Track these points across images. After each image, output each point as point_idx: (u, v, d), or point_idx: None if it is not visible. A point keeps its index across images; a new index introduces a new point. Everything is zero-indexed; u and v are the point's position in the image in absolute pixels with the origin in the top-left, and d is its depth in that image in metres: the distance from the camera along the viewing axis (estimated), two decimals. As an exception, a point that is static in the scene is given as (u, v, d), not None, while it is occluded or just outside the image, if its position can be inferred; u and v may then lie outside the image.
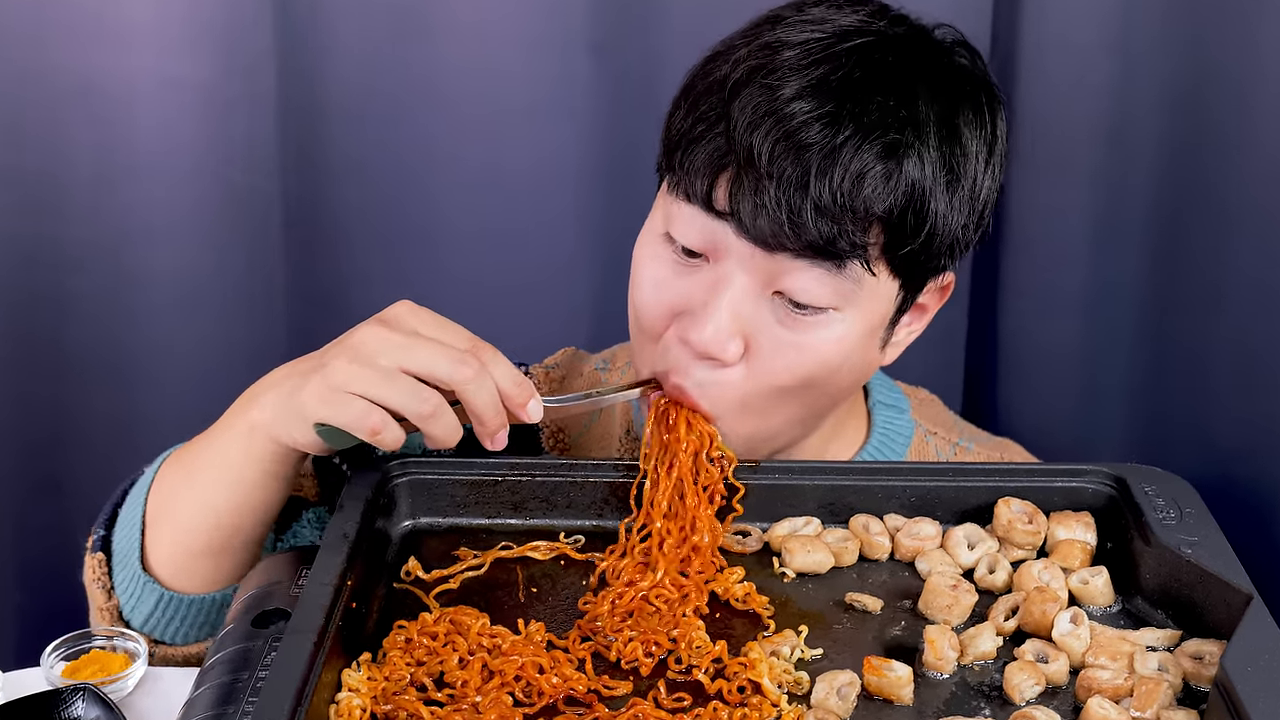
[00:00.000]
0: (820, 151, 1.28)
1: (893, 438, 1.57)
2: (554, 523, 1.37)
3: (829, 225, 1.28)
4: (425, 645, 1.20)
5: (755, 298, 1.33)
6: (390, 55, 2.07)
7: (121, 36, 2.03)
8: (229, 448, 1.36)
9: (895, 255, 1.33)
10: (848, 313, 1.34)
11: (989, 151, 1.37)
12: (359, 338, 1.28)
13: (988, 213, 1.40)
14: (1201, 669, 1.16)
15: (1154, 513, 1.28)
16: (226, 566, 1.41)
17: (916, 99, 1.32)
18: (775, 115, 1.29)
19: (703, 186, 1.32)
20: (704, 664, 1.19)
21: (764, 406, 1.37)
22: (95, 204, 2.11)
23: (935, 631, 1.20)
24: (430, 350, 1.26)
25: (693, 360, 1.35)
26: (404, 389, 1.25)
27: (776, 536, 1.34)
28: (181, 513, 1.41)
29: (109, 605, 1.45)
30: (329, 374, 1.27)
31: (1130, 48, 1.95)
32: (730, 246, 1.32)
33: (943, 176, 1.32)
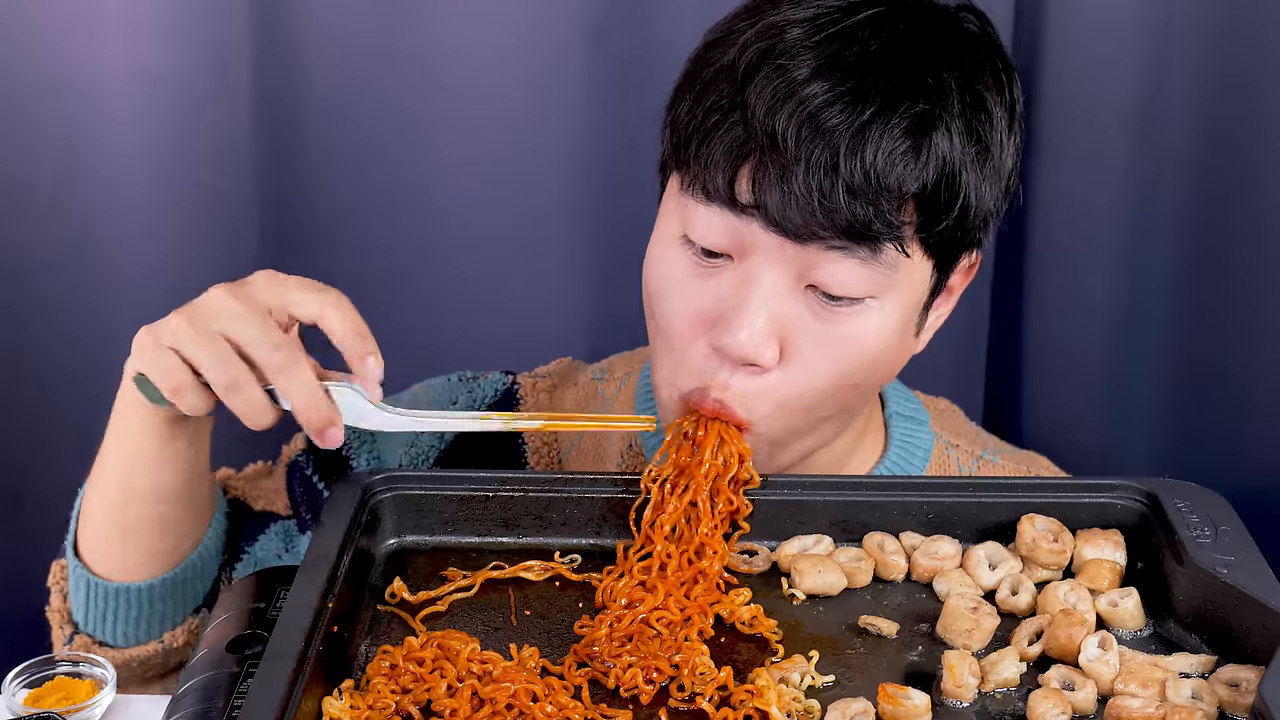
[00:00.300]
0: (847, 131, 1.28)
1: (912, 450, 1.57)
2: (548, 541, 1.37)
3: (863, 207, 1.29)
4: (411, 672, 1.20)
5: (788, 294, 1.33)
6: (374, 42, 2.07)
7: (89, 23, 2.03)
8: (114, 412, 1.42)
9: (930, 234, 1.34)
10: (885, 300, 1.35)
11: (1010, 116, 1.39)
12: (204, 297, 1.32)
13: (1014, 181, 1.41)
14: (1238, 697, 1.16)
15: (1187, 530, 1.28)
16: (136, 546, 1.44)
17: (937, 67, 1.33)
18: (795, 97, 1.29)
19: (724, 180, 1.32)
20: (708, 692, 1.19)
21: (805, 408, 1.37)
22: (59, 205, 2.11)
23: (955, 657, 1.20)
24: (254, 326, 1.29)
25: (728, 369, 1.35)
26: (212, 353, 1.28)
27: (785, 556, 1.34)
28: (92, 489, 1.46)
29: (62, 607, 1.50)
30: (159, 325, 1.31)
31: (1166, 24, 1.94)
32: (758, 242, 1.32)
33: (971, 147, 1.33)
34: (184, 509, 1.45)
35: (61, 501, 1.56)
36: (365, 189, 2.14)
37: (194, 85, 2.07)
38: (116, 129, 2.07)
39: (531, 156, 2.12)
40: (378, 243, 2.16)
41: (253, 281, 1.33)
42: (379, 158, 2.13)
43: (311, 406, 1.29)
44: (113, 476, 1.43)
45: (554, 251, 2.17)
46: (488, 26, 2.07)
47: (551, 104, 2.09)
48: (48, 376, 2.18)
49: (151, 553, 1.45)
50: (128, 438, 1.40)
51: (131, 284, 2.14)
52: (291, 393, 1.29)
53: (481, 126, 2.10)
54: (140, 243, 2.12)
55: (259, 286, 1.32)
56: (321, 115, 2.10)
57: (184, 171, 2.10)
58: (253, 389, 1.29)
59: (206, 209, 2.12)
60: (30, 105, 2.07)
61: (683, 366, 1.37)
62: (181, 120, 2.08)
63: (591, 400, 1.65)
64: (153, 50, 2.04)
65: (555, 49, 2.06)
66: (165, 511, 1.44)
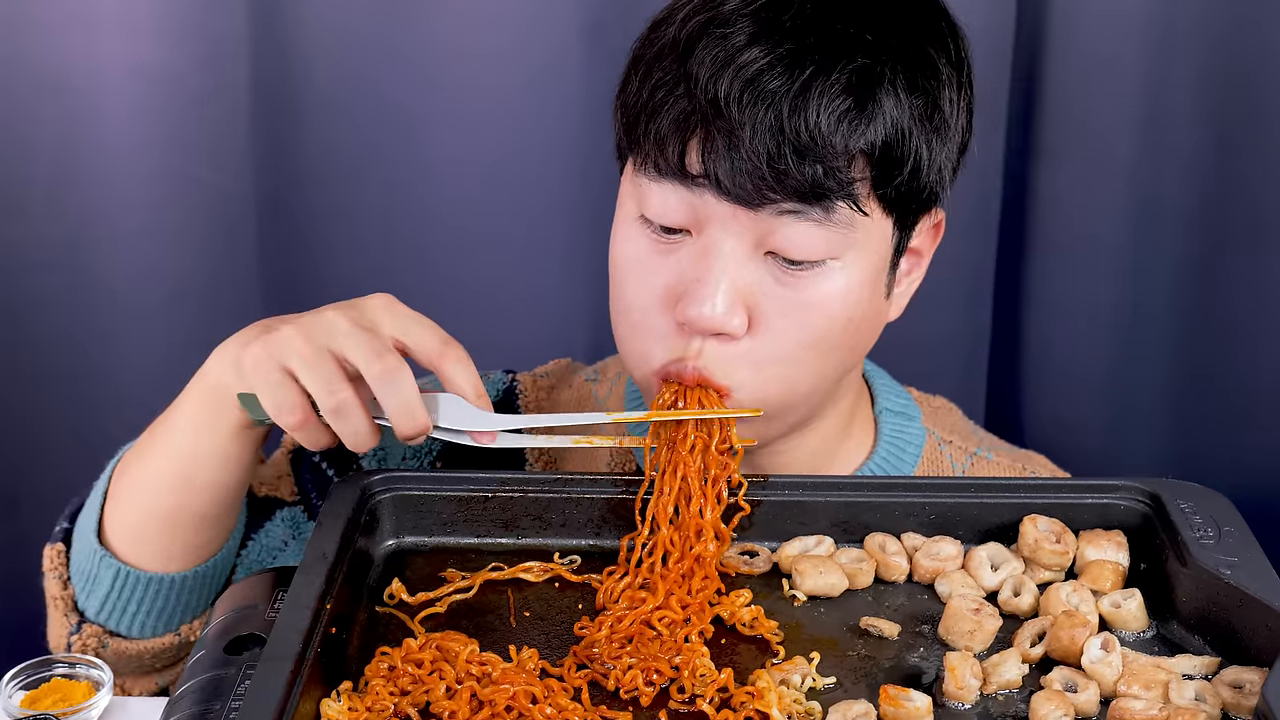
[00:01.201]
0: (789, 93, 1.29)
1: (902, 447, 1.57)
2: (548, 542, 1.37)
3: (812, 167, 1.30)
4: (410, 673, 1.20)
5: (748, 261, 1.34)
6: (372, 39, 2.07)
7: (85, 20, 2.03)
8: (186, 397, 1.41)
9: (885, 190, 1.34)
10: (846, 259, 1.35)
11: (958, 74, 1.39)
12: (319, 312, 1.32)
13: (968, 138, 1.42)
14: (1241, 699, 1.16)
15: (1191, 531, 1.28)
16: (184, 538, 1.44)
17: (878, 25, 1.34)
18: (734, 64, 1.30)
19: (674, 154, 1.33)
20: (708, 693, 1.19)
21: (781, 373, 1.38)
22: (55, 203, 2.11)
23: (956, 659, 1.21)
24: (357, 340, 1.29)
25: (696, 340, 1.35)
26: (321, 375, 1.28)
27: (786, 557, 1.34)
28: (140, 471, 1.44)
29: (64, 594, 1.48)
30: (274, 339, 1.30)
31: (1169, 22, 1.94)
32: (712, 212, 1.33)
33: (919, 101, 1.34)
34: (235, 506, 1.46)
35: (58, 503, 1.56)
36: (363, 187, 2.14)
37: (191, 82, 2.07)
38: (114, 126, 2.07)
39: (530, 155, 2.12)
40: (375, 240, 2.16)
41: (370, 303, 1.33)
42: (377, 155, 2.13)
43: (405, 415, 1.29)
44: (173, 465, 1.42)
45: (552, 251, 2.17)
46: (486, 25, 2.07)
47: (550, 103, 2.09)
48: (44, 377, 2.18)
49: (197, 545, 1.46)
50: (200, 429, 1.40)
51: (129, 283, 2.14)
52: (388, 400, 1.28)
53: (480, 125, 2.11)
54: (138, 241, 2.12)
55: (376, 309, 1.32)
56: (319, 112, 2.10)
57: (181, 169, 2.10)
58: (357, 414, 1.29)
59: (204, 207, 2.12)
60: (27, 102, 2.07)
61: (653, 343, 1.38)
62: (179, 117, 2.08)
63: (585, 401, 1.65)
64: (150, 47, 2.04)
65: (554, 47, 2.06)
66: (219, 509, 1.44)
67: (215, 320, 2.16)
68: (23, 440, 2.20)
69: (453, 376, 1.31)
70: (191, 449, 1.40)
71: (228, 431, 1.38)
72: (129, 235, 2.12)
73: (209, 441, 1.39)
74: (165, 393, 2.13)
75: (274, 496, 1.57)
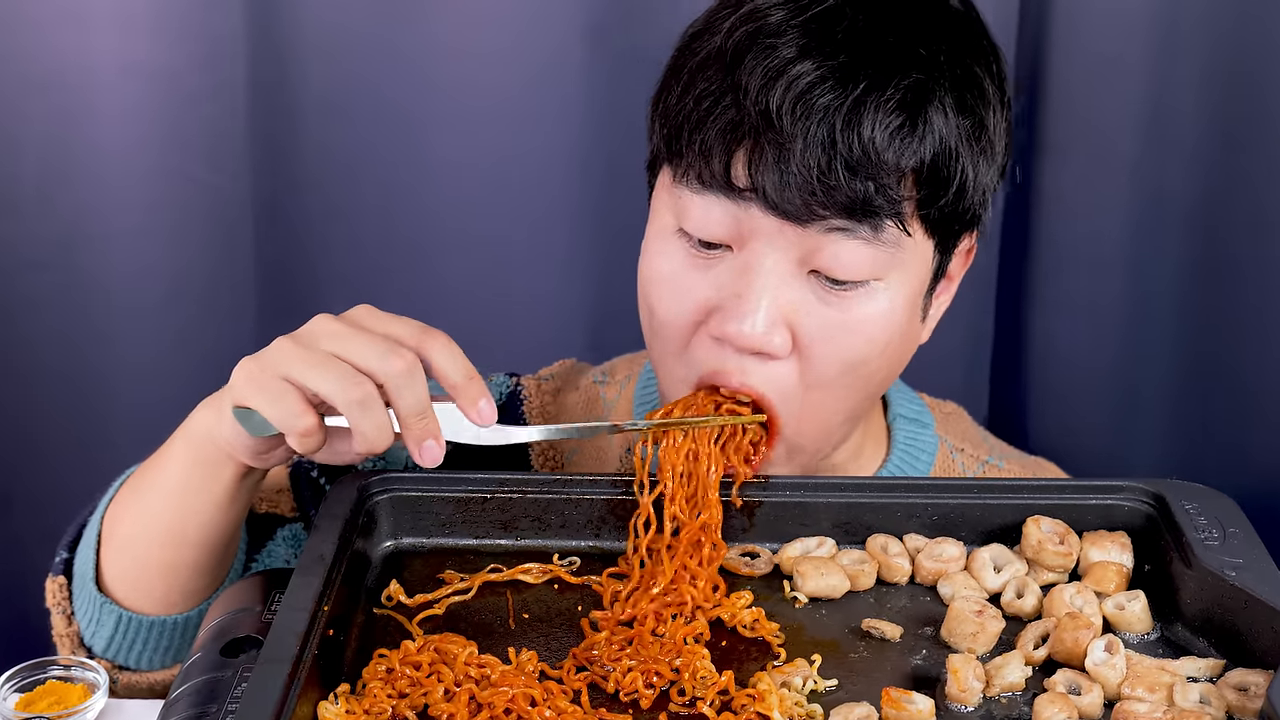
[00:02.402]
0: (843, 107, 1.28)
1: (916, 454, 1.57)
2: (547, 543, 1.37)
3: (863, 183, 1.29)
4: (408, 676, 1.20)
5: (791, 279, 1.33)
6: (370, 39, 2.07)
7: (80, 18, 2.03)
8: (172, 451, 1.38)
9: (930, 210, 1.33)
10: (891, 281, 1.34)
11: (1000, 93, 1.39)
12: (305, 325, 1.30)
13: (1006, 158, 1.42)
14: (1246, 701, 1.16)
15: (1195, 532, 1.28)
16: (182, 585, 1.42)
17: (928, 40, 1.33)
18: (785, 75, 1.29)
19: (719, 165, 1.31)
20: (709, 696, 1.19)
21: (824, 399, 1.37)
22: (48, 202, 2.11)
23: (959, 661, 1.21)
24: (366, 339, 1.27)
25: (733, 357, 1.34)
26: (335, 374, 1.25)
27: (788, 558, 1.35)
28: (131, 527, 1.42)
29: (69, 631, 1.46)
30: (263, 354, 1.28)
31: (1173, 20, 1.94)
32: (757, 226, 1.31)
33: (965, 121, 1.33)
34: (233, 545, 1.44)
35: (50, 504, 1.56)
36: (361, 187, 2.14)
37: (187, 81, 2.06)
38: (108, 125, 2.07)
39: (530, 156, 2.12)
40: (373, 241, 2.16)
41: (353, 312, 1.31)
42: (375, 156, 2.13)
43: (420, 414, 1.27)
44: (166, 521, 1.39)
45: (552, 252, 2.17)
46: (486, 24, 2.07)
47: (550, 103, 2.09)
48: (37, 377, 2.18)
49: (195, 590, 1.43)
50: (193, 484, 1.37)
51: (123, 283, 2.14)
52: (405, 399, 1.26)
53: (479, 125, 2.10)
54: (132, 241, 2.12)
55: (360, 315, 1.30)
56: (317, 112, 2.10)
57: (177, 168, 2.10)
58: (379, 406, 1.25)
59: (200, 207, 2.12)
60: (20, 100, 2.06)
61: (690, 362, 1.37)
62: (174, 116, 2.08)
63: (593, 403, 1.64)
64: (145, 45, 2.04)
65: (554, 47, 2.06)
66: (218, 553, 1.42)
67: (211, 321, 2.16)
68: (16, 441, 2.20)
69: (439, 362, 1.28)
70: (184, 505, 1.38)
71: (221, 488, 1.36)
72: (123, 235, 2.12)
73: (202, 496, 1.37)
74: (160, 393, 2.15)
75: (274, 513, 1.55)
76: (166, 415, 2.04)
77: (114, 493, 1.47)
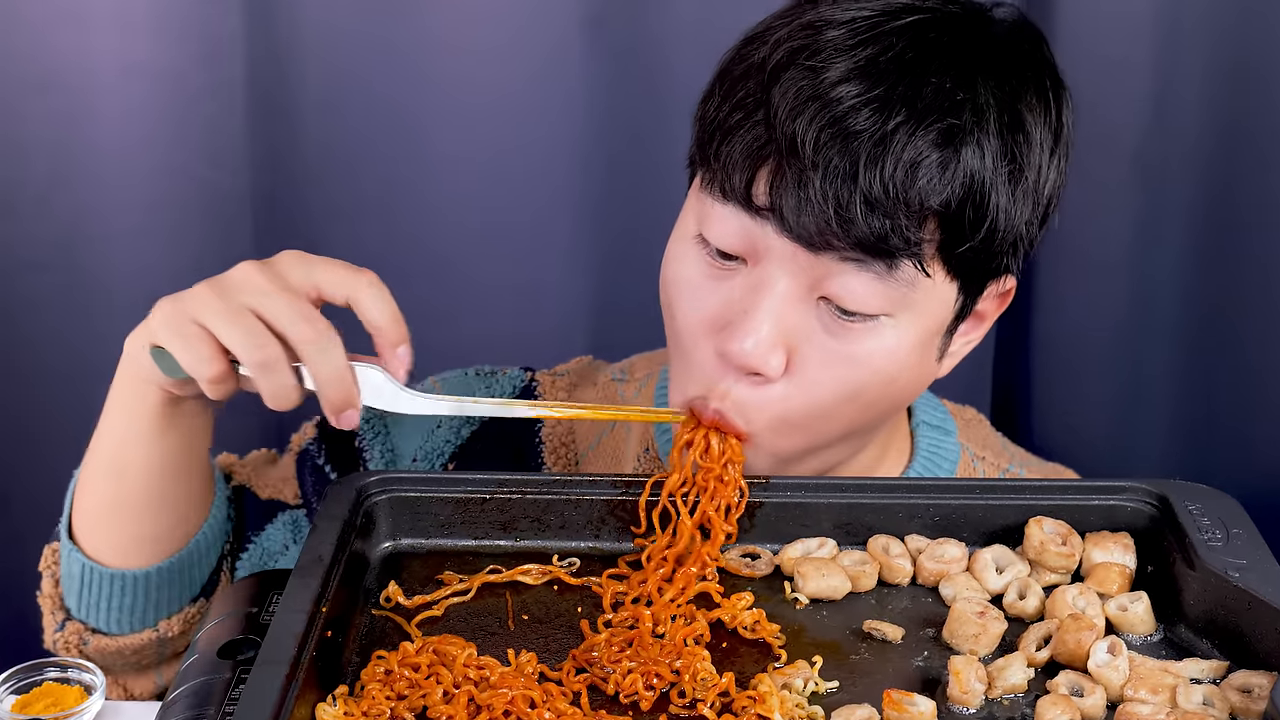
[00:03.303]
0: (870, 139, 1.26)
1: (938, 462, 1.56)
2: (546, 544, 1.37)
3: (880, 220, 1.27)
4: (407, 677, 1.20)
5: (799, 303, 1.32)
6: (369, 36, 2.07)
7: (79, 18, 2.03)
8: (112, 386, 1.41)
9: (952, 254, 1.31)
10: (901, 319, 1.33)
11: (1054, 139, 1.36)
12: (231, 272, 1.31)
13: (1053, 208, 1.39)
14: (1250, 703, 1.16)
15: (1199, 533, 1.28)
16: (128, 530, 1.44)
17: (975, 81, 1.30)
18: (820, 100, 1.27)
19: (741, 181, 1.30)
20: (709, 698, 1.19)
21: (809, 424, 1.36)
22: (48, 202, 2.11)
23: (961, 662, 1.20)
24: (284, 300, 1.28)
25: (732, 378, 1.34)
26: (245, 329, 1.27)
27: (788, 559, 1.34)
28: (85, 466, 1.45)
29: (54, 592, 1.49)
30: (183, 297, 1.30)
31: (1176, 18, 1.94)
32: (771, 247, 1.31)
33: (1004, 166, 1.30)
34: (180, 487, 1.45)
35: (50, 503, 1.56)
36: (361, 184, 2.14)
37: (186, 80, 2.07)
38: (107, 124, 2.07)
39: (530, 151, 2.12)
40: (374, 240, 2.16)
41: (279, 260, 1.32)
42: (375, 152, 2.13)
43: (335, 382, 1.28)
44: (106, 451, 1.42)
45: (554, 247, 2.17)
46: (484, 19, 2.07)
47: (550, 98, 2.09)
48: (37, 377, 2.18)
49: (146, 536, 1.45)
50: (123, 410, 1.40)
51: (123, 283, 2.14)
52: (319, 368, 1.27)
53: (478, 121, 2.10)
54: (132, 241, 2.12)
55: (286, 264, 1.31)
56: (316, 110, 2.10)
57: (177, 167, 2.10)
58: (284, 369, 1.28)
59: (199, 206, 2.13)
60: (19, 101, 2.07)
61: (690, 372, 1.37)
62: (173, 116, 2.08)
63: (611, 402, 1.64)
64: (144, 45, 2.04)
65: (553, 42, 2.06)
66: (159, 488, 1.43)
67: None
68: (16, 440, 2.21)
69: (365, 304, 1.29)
70: (118, 433, 1.41)
71: (149, 409, 1.38)
72: (123, 234, 2.12)
73: (133, 423, 1.39)
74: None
75: (277, 499, 1.57)
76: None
77: None
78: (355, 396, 1.30)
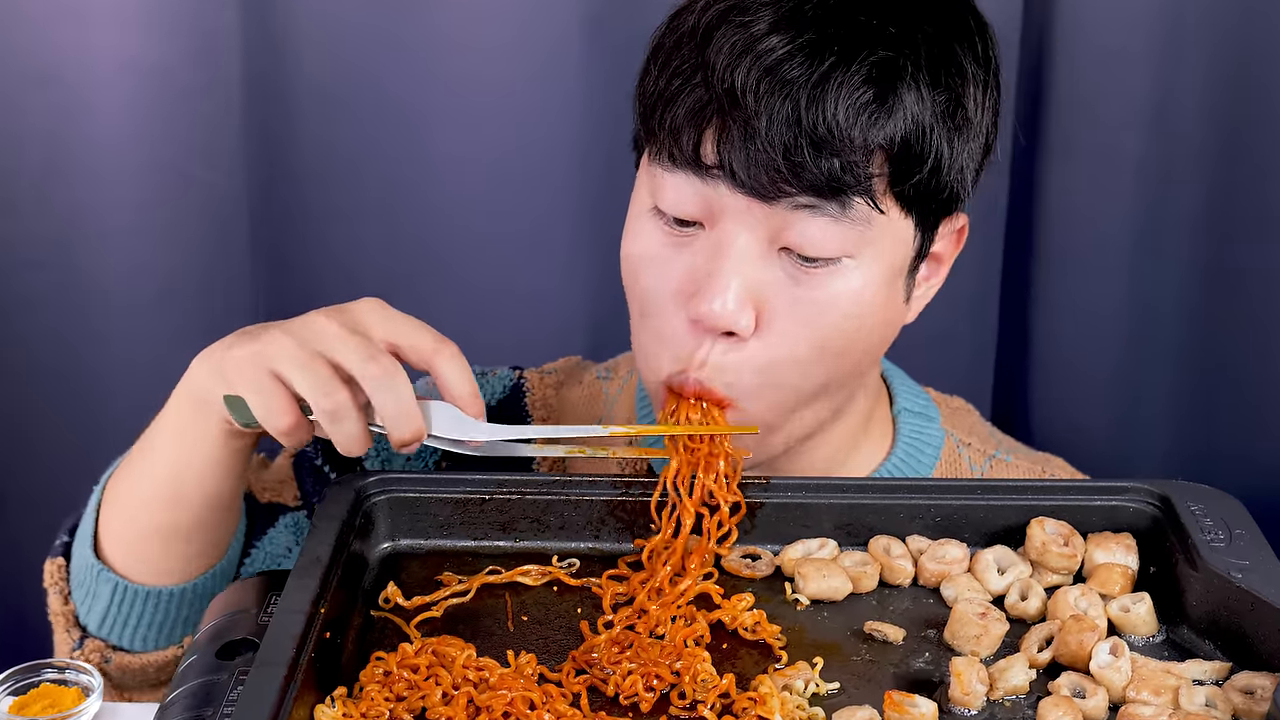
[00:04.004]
0: (808, 83, 1.28)
1: (920, 449, 1.57)
2: (546, 545, 1.37)
3: (829, 160, 1.29)
4: (406, 679, 1.20)
5: (761, 257, 1.33)
6: (368, 32, 2.07)
7: (75, 13, 2.03)
8: (169, 408, 1.39)
9: (903, 187, 1.33)
10: (862, 259, 1.34)
11: (985, 72, 1.39)
12: (307, 316, 1.31)
13: (992, 139, 1.42)
14: (1253, 705, 1.16)
15: (1201, 534, 1.28)
16: (178, 550, 1.43)
17: (901, 19, 1.33)
18: (753, 52, 1.29)
19: (688, 144, 1.32)
20: (710, 699, 1.19)
21: (786, 379, 1.37)
22: (44, 200, 2.11)
23: (962, 664, 1.20)
24: (355, 343, 1.28)
25: (707, 344, 1.35)
26: (315, 378, 1.26)
27: (789, 560, 1.34)
28: (131, 488, 1.43)
29: (65, 610, 1.48)
30: (261, 341, 1.29)
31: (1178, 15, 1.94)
32: (726, 205, 1.32)
33: (941, 98, 1.33)
34: (229, 514, 1.45)
35: (45, 503, 1.57)
36: (360, 184, 2.14)
37: (183, 77, 2.06)
38: (103, 122, 2.07)
39: (532, 150, 2.12)
40: (372, 239, 2.16)
41: (357, 307, 1.32)
42: (374, 152, 2.13)
43: (402, 417, 1.28)
44: (160, 477, 1.40)
45: (555, 246, 2.17)
46: (485, 17, 2.07)
47: (552, 96, 2.09)
48: (33, 376, 2.18)
49: (190, 556, 1.44)
50: (183, 439, 1.38)
51: (119, 282, 2.14)
52: (386, 404, 1.27)
53: (480, 120, 2.10)
54: (128, 239, 2.12)
55: (364, 312, 1.31)
56: (315, 108, 2.10)
57: (173, 165, 2.10)
58: (351, 417, 1.27)
59: (196, 204, 2.12)
60: (15, 97, 2.06)
61: (662, 347, 1.38)
62: (170, 112, 2.07)
63: (595, 399, 1.65)
64: (141, 41, 2.04)
65: (555, 40, 2.06)
66: (211, 519, 1.43)
67: (206, 319, 2.16)
68: (11, 440, 2.20)
69: (447, 375, 1.30)
70: (178, 462, 1.39)
71: (213, 441, 1.37)
72: (119, 233, 2.12)
73: (195, 453, 1.38)
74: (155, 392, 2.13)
75: (277, 502, 1.56)
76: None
77: (116, 466, 1.48)
78: (421, 432, 1.29)
